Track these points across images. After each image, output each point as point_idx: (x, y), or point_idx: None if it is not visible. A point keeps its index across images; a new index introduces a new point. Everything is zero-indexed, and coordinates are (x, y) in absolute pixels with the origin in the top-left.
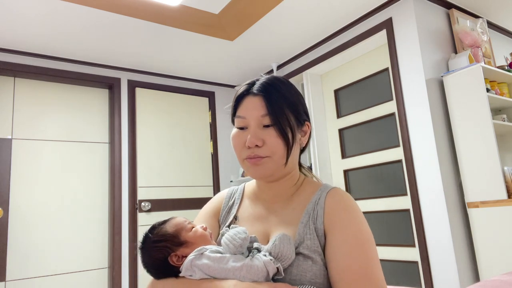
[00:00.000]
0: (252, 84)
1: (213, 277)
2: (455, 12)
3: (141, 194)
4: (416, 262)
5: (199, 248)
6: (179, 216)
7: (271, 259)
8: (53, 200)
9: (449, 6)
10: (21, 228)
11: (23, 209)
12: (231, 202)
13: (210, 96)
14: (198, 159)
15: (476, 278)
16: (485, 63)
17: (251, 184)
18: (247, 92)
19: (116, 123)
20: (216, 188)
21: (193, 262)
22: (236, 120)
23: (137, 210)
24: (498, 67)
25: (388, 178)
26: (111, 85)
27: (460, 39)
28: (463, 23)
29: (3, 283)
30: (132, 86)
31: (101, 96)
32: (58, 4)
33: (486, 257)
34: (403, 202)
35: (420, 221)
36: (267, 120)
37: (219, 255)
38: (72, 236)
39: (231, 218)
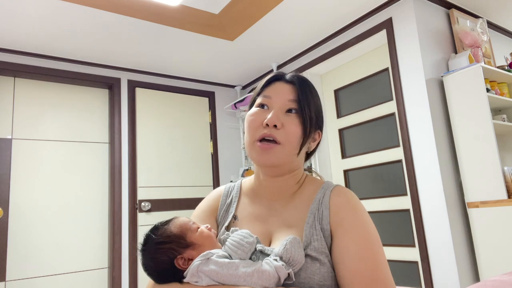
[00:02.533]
0: (284, 73)
1: (221, 284)
2: (455, 12)
3: (141, 194)
4: (416, 262)
5: (205, 253)
6: (182, 216)
7: (282, 265)
8: (53, 200)
9: (449, 6)
10: (21, 228)
11: (23, 209)
12: (228, 200)
13: (210, 96)
14: (198, 159)
15: (476, 278)
16: (485, 63)
17: (248, 181)
18: (279, 77)
19: (116, 123)
20: None
21: (199, 268)
22: (259, 98)
23: (137, 210)
24: (498, 67)
25: (388, 178)
26: (111, 85)
27: (460, 39)
28: (463, 23)
29: (3, 283)
30: (132, 86)
31: (101, 96)
32: (58, 4)
33: (486, 257)
34: (403, 202)
35: (420, 221)
36: (293, 105)
37: (227, 260)
38: (72, 236)
39: (229, 217)
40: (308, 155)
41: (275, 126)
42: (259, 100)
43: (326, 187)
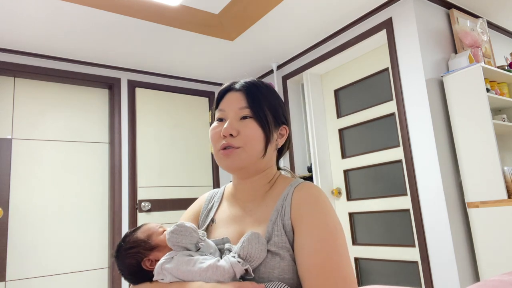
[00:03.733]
0: (234, 82)
1: (182, 280)
2: (455, 12)
3: (141, 194)
4: (416, 262)
5: (170, 252)
6: (151, 222)
7: (239, 261)
8: (53, 200)
9: (449, 6)
10: (21, 228)
11: (23, 209)
12: (210, 205)
13: (210, 96)
14: (198, 159)
15: (476, 278)
16: (485, 63)
17: (230, 186)
18: (229, 88)
19: (116, 123)
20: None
21: (162, 266)
22: (216, 112)
23: (137, 210)
24: (498, 67)
25: (388, 178)
26: (111, 85)
27: (460, 39)
28: (463, 23)
29: (3, 283)
30: (132, 86)
31: (101, 96)
32: (58, 4)
33: (486, 257)
34: (403, 202)
35: (420, 221)
36: (245, 112)
37: (187, 257)
38: (72, 236)
39: (208, 221)
40: (280, 152)
41: (231, 135)
42: (216, 115)
43: (293, 184)
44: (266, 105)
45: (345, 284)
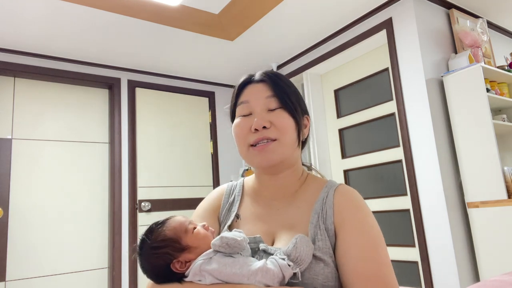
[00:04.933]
0: (252, 75)
1: (224, 282)
2: (455, 12)
3: (141, 194)
4: (416, 262)
5: (208, 252)
6: (178, 215)
7: (289, 265)
8: (53, 200)
9: (449, 6)
10: (21, 228)
11: (23, 209)
12: (231, 199)
13: (210, 96)
14: (198, 159)
15: (476, 278)
16: (485, 63)
17: (250, 180)
18: (249, 80)
19: (116, 123)
20: None
21: (202, 267)
22: (238, 108)
23: (137, 210)
24: (498, 67)
25: (388, 178)
26: (111, 85)
27: (460, 39)
28: (463, 23)
29: (3, 283)
30: (132, 86)
31: (101, 96)
32: (58, 4)
33: (486, 257)
34: (403, 202)
35: (420, 221)
36: (273, 102)
37: (230, 259)
38: (72, 236)
39: (232, 216)
40: (303, 144)
41: (264, 127)
42: (239, 110)
43: (330, 186)
44: (291, 93)
45: None
